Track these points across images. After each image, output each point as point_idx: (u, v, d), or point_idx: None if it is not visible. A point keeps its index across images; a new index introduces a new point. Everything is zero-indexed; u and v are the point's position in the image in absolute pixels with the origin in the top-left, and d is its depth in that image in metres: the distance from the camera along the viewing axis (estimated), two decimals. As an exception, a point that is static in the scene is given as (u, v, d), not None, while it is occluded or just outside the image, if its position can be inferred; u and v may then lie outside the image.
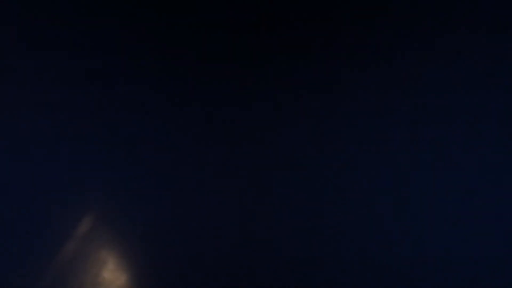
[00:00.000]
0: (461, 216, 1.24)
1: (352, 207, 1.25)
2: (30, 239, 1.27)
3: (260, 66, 1.27)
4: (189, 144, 1.28)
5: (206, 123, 1.28)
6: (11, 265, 1.27)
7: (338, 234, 1.25)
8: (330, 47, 1.27)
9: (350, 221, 1.25)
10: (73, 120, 1.29)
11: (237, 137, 1.28)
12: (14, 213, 1.28)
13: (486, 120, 1.24)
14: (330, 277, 1.24)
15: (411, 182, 1.25)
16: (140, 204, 1.28)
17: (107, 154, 1.28)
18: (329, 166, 1.26)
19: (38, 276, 1.27)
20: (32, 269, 1.27)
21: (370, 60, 1.26)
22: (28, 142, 1.29)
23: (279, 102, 1.27)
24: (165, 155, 1.28)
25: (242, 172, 1.27)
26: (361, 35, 1.27)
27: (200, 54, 1.28)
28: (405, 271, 1.24)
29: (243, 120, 1.28)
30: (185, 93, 1.28)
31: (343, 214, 1.25)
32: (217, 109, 1.28)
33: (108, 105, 1.29)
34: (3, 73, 1.28)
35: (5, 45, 1.29)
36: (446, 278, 1.23)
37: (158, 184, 1.28)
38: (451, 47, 1.26)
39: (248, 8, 1.27)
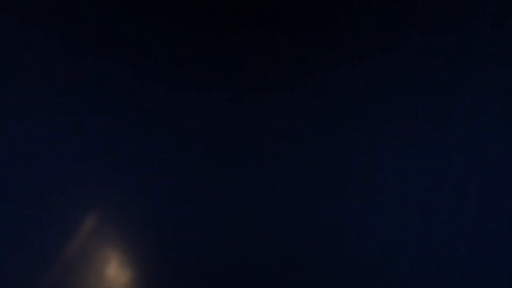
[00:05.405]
0: (461, 216, 1.25)
1: (351, 207, 1.26)
2: (33, 237, 1.29)
3: (256, 65, 1.27)
4: (193, 143, 1.29)
5: (209, 123, 1.29)
6: (13, 264, 1.29)
7: (337, 235, 1.26)
8: (328, 44, 1.27)
9: (349, 222, 1.26)
10: (76, 119, 1.29)
11: (239, 136, 1.29)
12: (17, 212, 1.29)
13: (486, 120, 1.24)
14: (329, 278, 1.26)
15: (410, 182, 1.26)
16: (143, 202, 1.29)
17: (110, 152, 1.29)
18: (328, 166, 1.26)
19: (42, 274, 1.28)
20: (35, 267, 1.28)
21: (369, 58, 1.26)
22: (30, 141, 1.30)
23: (276, 101, 1.28)
24: (169, 153, 1.29)
25: (244, 171, 1.28)
26: (359, 32, 1.26)
27: (199, 55, 1.28)
28: (404, 272, 1.25)
29: (244, 119, 1.29)
30: (188, 92, 1.29)
31: (342, 214, 1.26)
32: (219, 108, 1.29)
33: (111, 103, 1.29)
34: (4, 73, 1.29)
35: (5, 45, 1.29)
36: (446, 280, 1.24)
37: (162, 182, 1.29)
38: (450, 46, 1.26)
39: (241, 7, 1.26)
